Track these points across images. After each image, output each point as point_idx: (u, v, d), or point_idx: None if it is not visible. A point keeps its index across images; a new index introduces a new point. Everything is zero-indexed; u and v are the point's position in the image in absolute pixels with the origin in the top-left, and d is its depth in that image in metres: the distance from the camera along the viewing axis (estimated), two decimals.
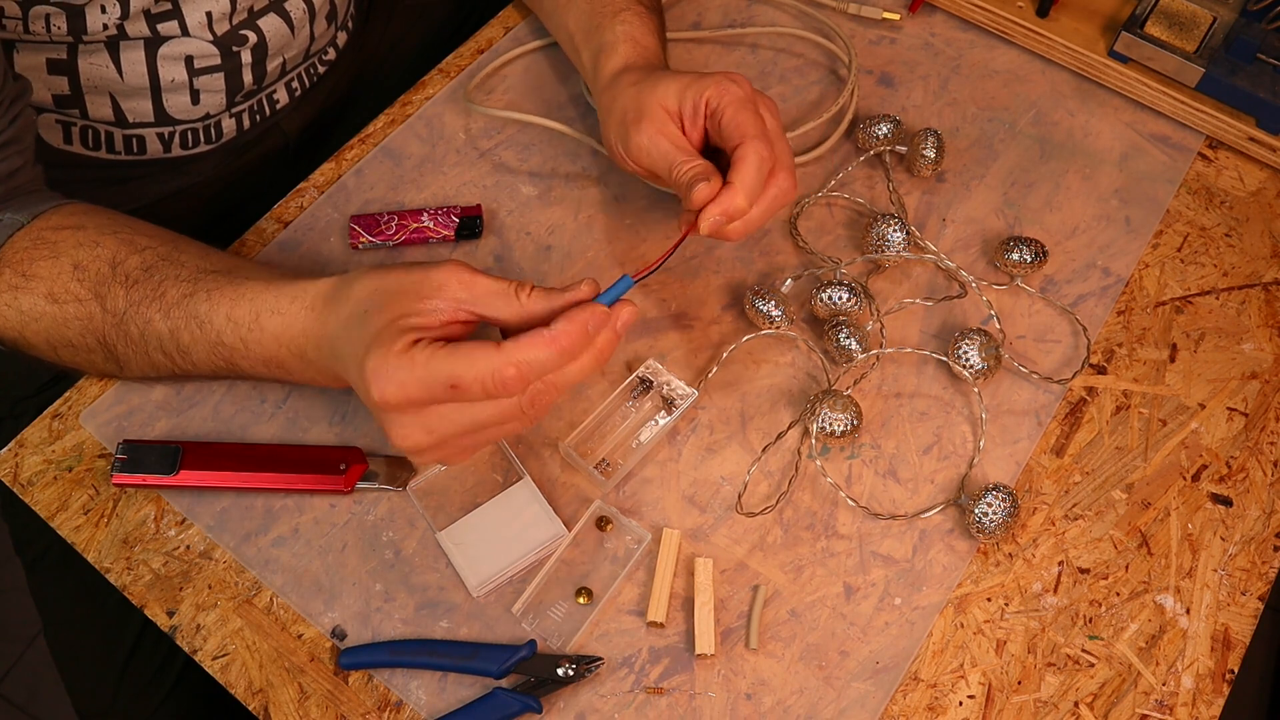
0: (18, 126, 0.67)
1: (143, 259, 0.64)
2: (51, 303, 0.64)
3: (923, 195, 0.81)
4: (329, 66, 0.91)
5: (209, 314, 0.62)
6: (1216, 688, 0.63)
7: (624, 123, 0.69)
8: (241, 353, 0.63)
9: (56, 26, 0.70)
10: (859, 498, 0.68)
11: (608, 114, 0.72)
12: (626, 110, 0.69)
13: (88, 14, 0.70)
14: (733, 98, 0.66)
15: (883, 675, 0.63)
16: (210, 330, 0.63)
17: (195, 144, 0.84)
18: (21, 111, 0.67)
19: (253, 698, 0.62)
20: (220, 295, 0.62)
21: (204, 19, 0.75)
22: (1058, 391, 0.72)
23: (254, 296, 0.62)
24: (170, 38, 0.75)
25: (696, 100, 0.67)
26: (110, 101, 0.78)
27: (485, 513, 0.67)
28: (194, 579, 0.66)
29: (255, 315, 0.62)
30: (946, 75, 0.87)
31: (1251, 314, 0.76)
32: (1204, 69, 0.82)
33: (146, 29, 0.74)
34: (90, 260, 0.64)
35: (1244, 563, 0.67)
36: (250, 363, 0.63)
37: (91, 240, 0.64)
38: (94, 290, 0.63)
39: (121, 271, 0.63)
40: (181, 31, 0.75)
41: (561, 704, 0.62)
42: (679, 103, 0.68)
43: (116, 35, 0.73)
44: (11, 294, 0.64)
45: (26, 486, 0.68)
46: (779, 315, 0.72)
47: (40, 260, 0.64)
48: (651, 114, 0.68)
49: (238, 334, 0.62)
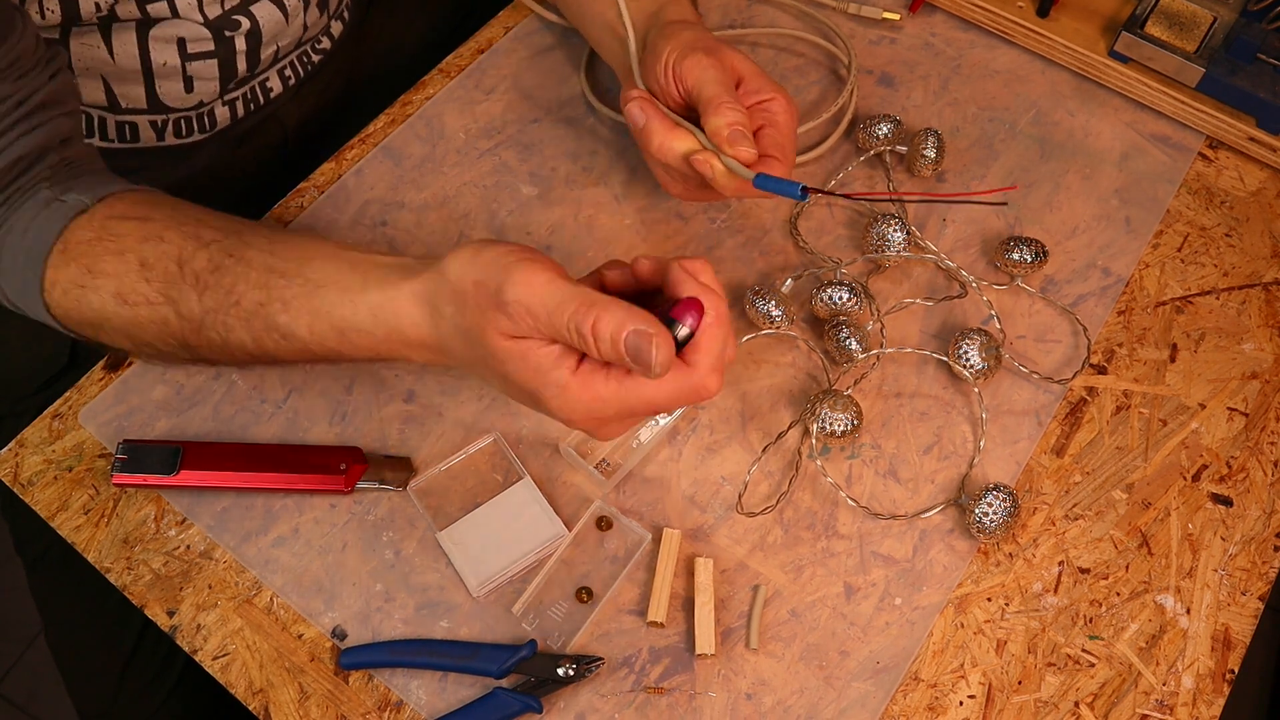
0: (57, 85, 0.64)
1: (209, 255, 0.62)
2: (122, 304, 0.62)
3: None
4: (324, 56, 0.91)
5: (290, 326, 0.60)
6: (1216, 688, 0.63)
7: (691, 46, 0.68)
8: (336, 357, 0.61)
9: (50, 11, 0.70)
10: (859, 498, 0.68)
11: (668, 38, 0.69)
12: (698, 40, 0.69)
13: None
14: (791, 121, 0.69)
15: (883, 675, 0.63)
16: (296, 342, 0.60)
17: (189, 133, 0.84)
18: (59, 72, 0.64)
19: (253, 698, 0.62)
20: (298, 308, 0.60)
21: (193, 1, 0.75)
22: (1058, 391, 0.72)
23: (330, 311, 0.59)
24: (160, 19, 0.75)
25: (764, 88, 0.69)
26: (102, 84, 0.77)
27: (485, 513, 0.67)
28: (194, 579, 0.66)
29: (340, 332, 0.59)
30: (947, 75, 0.87)
31: (1251, 314, 0.76)
32: (1204, 69, 0.82)
33: (136, 9, 0.73)
34: (156, 258, 0.62)
35: (1244, 563, 0.67)
36: (352, 360, 0.62)
37: (156, 234, 0.62)
38: (164, 293, 0.61)
39: (190, 271, 0.61)
40: (171, 12, 0.74)
41: (561, 704, 0.62)
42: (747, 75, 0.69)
43: (108, 16, 0.72)
44: (79, 292, 0.62)
45: (27, 486, 0.68)
46: (779, 315, 0.72)
47: (106, 255, 0.62)
48: (721, 57, 0.68)
49: (325, 345, 0.60)
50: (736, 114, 0.65)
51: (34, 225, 0.63)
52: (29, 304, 0.64)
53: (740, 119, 0.65)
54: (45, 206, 0.63)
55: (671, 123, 0.68)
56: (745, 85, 0.69)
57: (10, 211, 0.63)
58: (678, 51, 0.68)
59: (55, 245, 0.62)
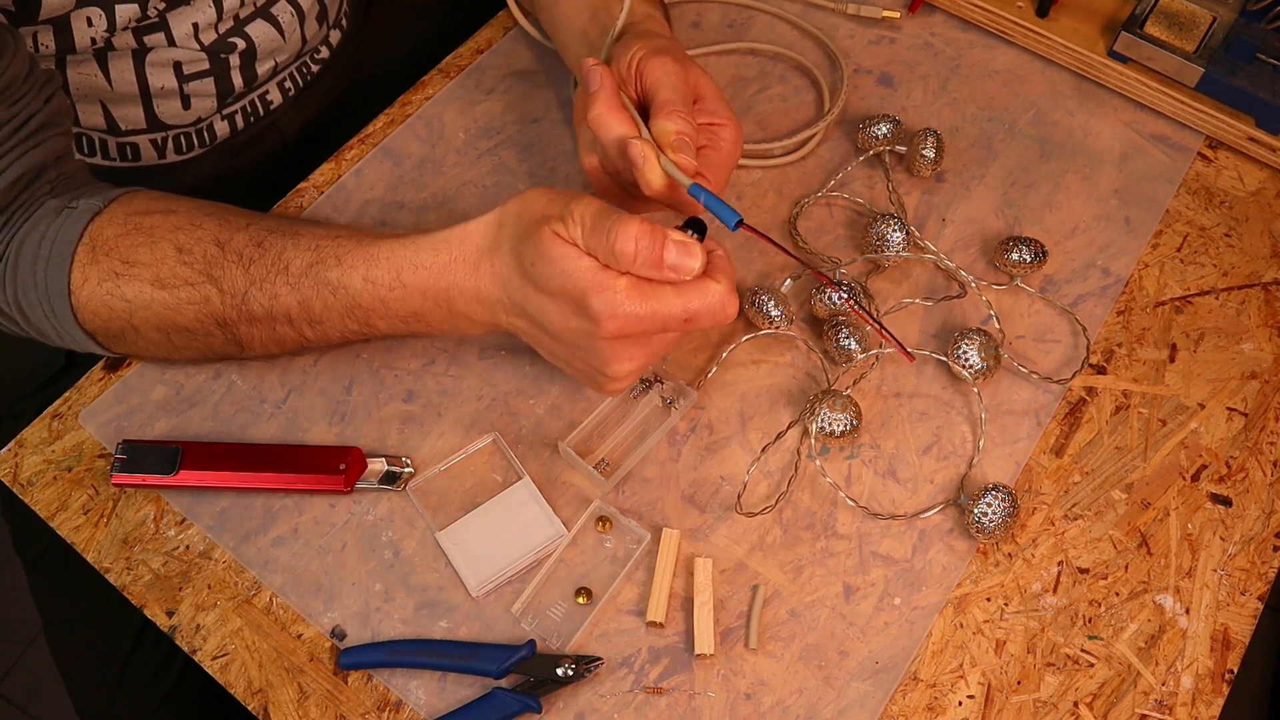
0: (52, 108, 0.65)
1: (251, 235, 0.63)
2: (160, 288, 0.63)
3: (922, 195, 0.81)
4: (323, 65, 0.91)
5: (342, 279, 0.62)
6: (1216, 688, 0.63)
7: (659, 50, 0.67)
8: (380, 313, 0.63)
9: (44, 45, 0.70)
10: (858, 498, 0.68)
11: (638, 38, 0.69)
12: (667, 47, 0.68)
13: (74, 30, 0.69)
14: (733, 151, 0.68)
15: (882, 675, 0.63)
16: (345, 295, 0.62)
17: (189, 148, 0.84)
18: (54, 94, 0.66)
19: (252, 698, 0.62)
20: (353, 259, 0.62)
21: (190, 30, 0.75)
22: (1057, 391, 0.72)
23: (390, 254, 0.62)
24: (156, 48, 0.75)
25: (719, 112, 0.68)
26: (101, 109, 0.78)
27: (484, 513, 0.67)
28: (194, 579, 0.66)
29: (396, 273, 0.62)
30: (946, 75, 0.87)
31: (1251, 314, 0.76)
32: (1204, 69, 0.82)
33: (133, 40, 0.73)
34: (193, 243, 0.63)
35: (1243, 563, 0.67)
36: (389, 321, 0.63)
37: (189, 223, 0.64)
38: (205, 273, 0.62)
39: (232, 250, 0.63)
40: (168, 43, 0.75)
41: (561, 704, 0.62)
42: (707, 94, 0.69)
43: (104, 48, 0.73)
44: (114, 282, 0.63)
45: (26, 486, 0.68)
46: (779, 315, 0.72)
47: (139, 246, 0.63)
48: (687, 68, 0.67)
49: (376, 294, 0.62)
50: (687, 124, 0.64)
51: (50, 232, 0.63)
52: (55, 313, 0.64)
53: (689, 130, 0.64)
54: (56, 214, 0.64)
55: (620, 103, 0.66)
56: (703, 104, 0.68)
57: (18, 225, 0.64)
58: (646, 50, 0.67)
59: (79, 246, 0.63)
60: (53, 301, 0.64)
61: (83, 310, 0.64)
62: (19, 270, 0.64)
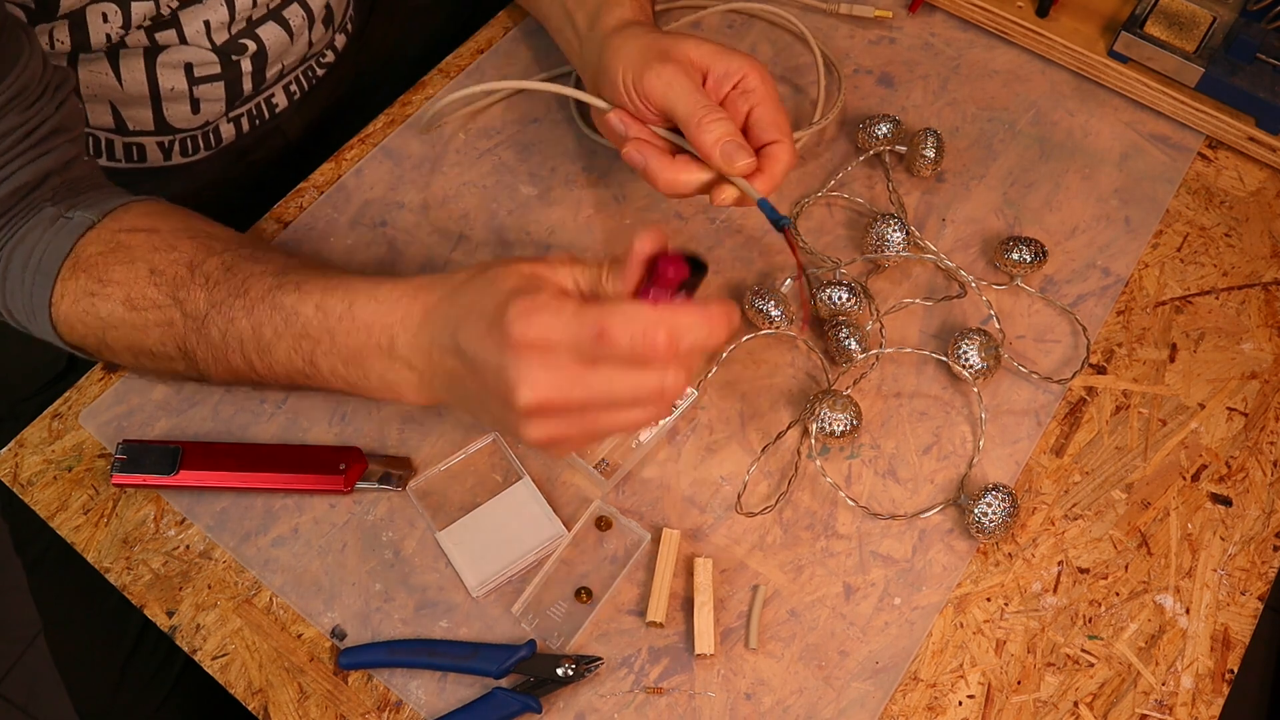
0: (64, 114, 0.65)
1: (223, 260, 0.62)
2: (130, 309, 0.62)
3: (922, 195, 0.81)
4: (327, 69, 0.91)
5: (296, 305, 0.60)
6: (1216, 688, 0.63)
7: (644, 60, 0.66)
8: (326, 346, 0.60)
9: (60, 41, 0.70)
10: (858, 498, 0.68)
11: (615, 55, 0.68)
12: (648, 50, 0.67)
13: (90, 26, 0.70)
14: (771, 89, 0.66)
15: (882, 675, 0.63)
16: (296, 323, 0.60)
17: (195, 151, 0.84)
18: (67, 99, 0.65)
19: (252, 698, 0.62)
20: (311, 285, 0.61)
21: (202, 28, 0.75)
22: (1057, 391, 0.72)
23: (349, 285, 0.60)
24: (168, 46, 0.75)
25: (731, 69, 0.66)
26: (110, 109, 0.78)
27: (485, 513, 0.67)
28: (194, 579, 0.66)
29: (349, 303, 0.60)
30: (946, 75, 0.87)
31: (1251, 314, 0.76)
32: (1204, 69, 0.82)
33: (145, 38, 0.73)
34: (167, 264, 0.62)
35: (1244, 563, 0.67)
36: (329, 360, 0.61)
37: (167, 244, 0.63)
38: (172, 295, 0.62)
39: (201, 274, 0.62)
40: (179, 40, 0.75)
41: (561, 704, 0.62)
42: (710, 62, 0.67)
43: (117, 45, 0.73)
44: (89, 300, 0.63)
45: (26, 486, 0.68)
46: (779, 315, 0.72)
47: (116, 265, 0.62)
48: (677, 58, 0.66)
49: (325, 324, 0.60)
50: (720, 125, 0.63)
51: (42, 244, 0.63)
52: (35, 321, 0.65)
53: (724, 130, 0.63)
54: (51, 224, 0.64)
55: (669, 153, 0.66)
56: (712, 73, 0.66)
57: (15, 232, 0.64)
58: (631, 70, 0.66)
59: (66, 261, 0.63)
60: (35, 313, 0.64)
61: (61, 325, 0.64)
62: (8, 276, 0.64)
